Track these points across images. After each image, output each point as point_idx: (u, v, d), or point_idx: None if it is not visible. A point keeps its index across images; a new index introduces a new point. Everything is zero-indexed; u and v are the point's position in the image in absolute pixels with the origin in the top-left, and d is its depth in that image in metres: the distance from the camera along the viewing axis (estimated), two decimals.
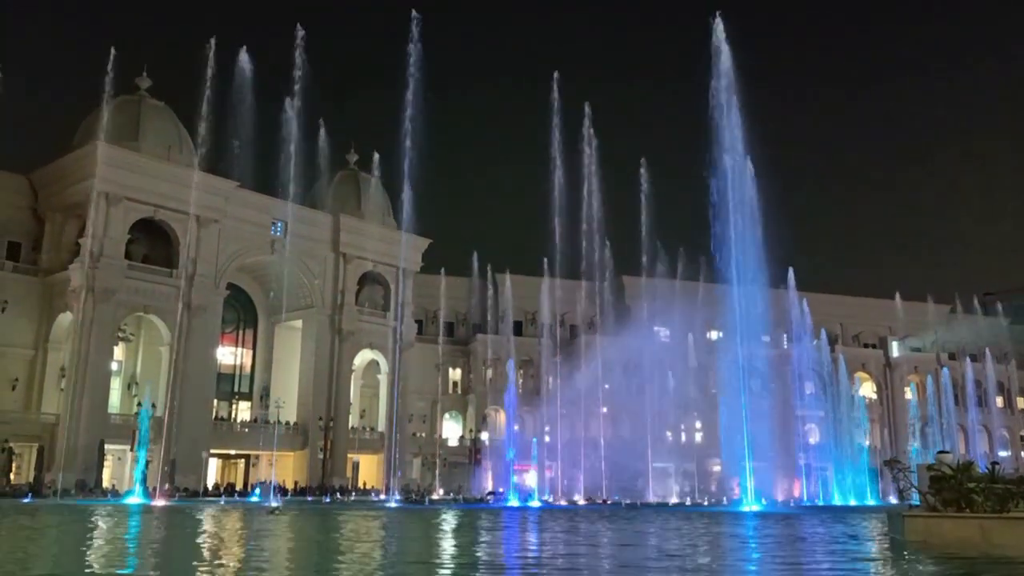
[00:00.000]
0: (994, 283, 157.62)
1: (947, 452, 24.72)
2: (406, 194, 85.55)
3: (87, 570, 17.15)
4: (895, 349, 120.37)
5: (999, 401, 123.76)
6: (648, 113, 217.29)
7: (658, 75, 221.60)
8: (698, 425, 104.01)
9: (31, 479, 69.53)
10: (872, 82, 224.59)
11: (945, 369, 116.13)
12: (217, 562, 18.59)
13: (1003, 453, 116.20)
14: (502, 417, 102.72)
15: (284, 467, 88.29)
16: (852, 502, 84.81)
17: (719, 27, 62.20)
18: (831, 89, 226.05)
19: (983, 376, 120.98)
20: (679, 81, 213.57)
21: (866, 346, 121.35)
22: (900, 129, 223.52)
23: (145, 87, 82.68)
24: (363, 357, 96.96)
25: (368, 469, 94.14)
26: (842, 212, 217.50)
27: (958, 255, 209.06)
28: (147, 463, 66.09)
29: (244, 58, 74.73)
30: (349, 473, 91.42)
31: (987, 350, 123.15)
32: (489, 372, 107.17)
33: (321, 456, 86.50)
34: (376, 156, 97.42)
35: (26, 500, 58.45)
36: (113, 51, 72.09)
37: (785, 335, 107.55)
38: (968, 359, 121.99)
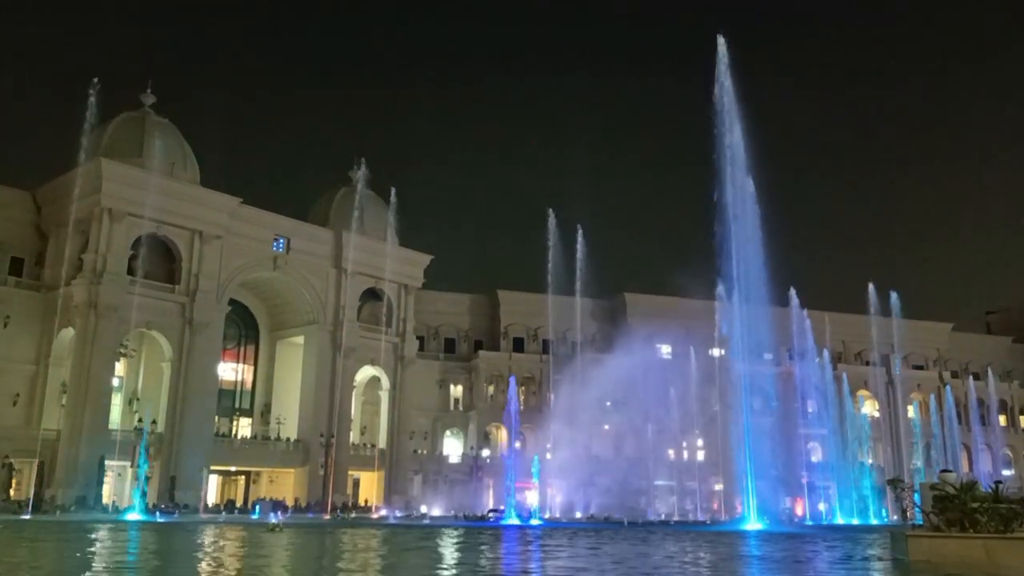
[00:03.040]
0: (997, 301, 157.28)
1: (950, 471, 24.55)
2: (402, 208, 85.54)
3: None
4: (897, 367, 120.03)
5: (1002, 419, 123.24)
6: (652, 126, 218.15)
7: (663, 88, 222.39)
8: (700, 443, 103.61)
9: (31, 495, 69.30)
10: (877, 96, 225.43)
11: (948, 387, 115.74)
12: None
13: (1006, 472, 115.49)
14: (504, 434, 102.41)
15: (284, 484, 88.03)
16: (855, 521, 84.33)
17: (722, 47, 62.34)
18: (835, 106, 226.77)
19: (986, 394, 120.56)
20: (686, 92, 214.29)
21: (869, 364, 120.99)
22: (905, 146, 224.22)
23: (149, 103, 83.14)
24: (364, 373, 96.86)
25: (369, 486, 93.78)
26: (845, 229, 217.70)
27: (961, 273, 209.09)
28: (147, 479, 65.88)
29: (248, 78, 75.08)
30: (349, 490, 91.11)
31: (989, 368, 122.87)
32: (491, 389, 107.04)
33: (322, 473, 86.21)
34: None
35: (26, 516, 58.32)
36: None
37: (788, 353, 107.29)
38: (971, 377, 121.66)
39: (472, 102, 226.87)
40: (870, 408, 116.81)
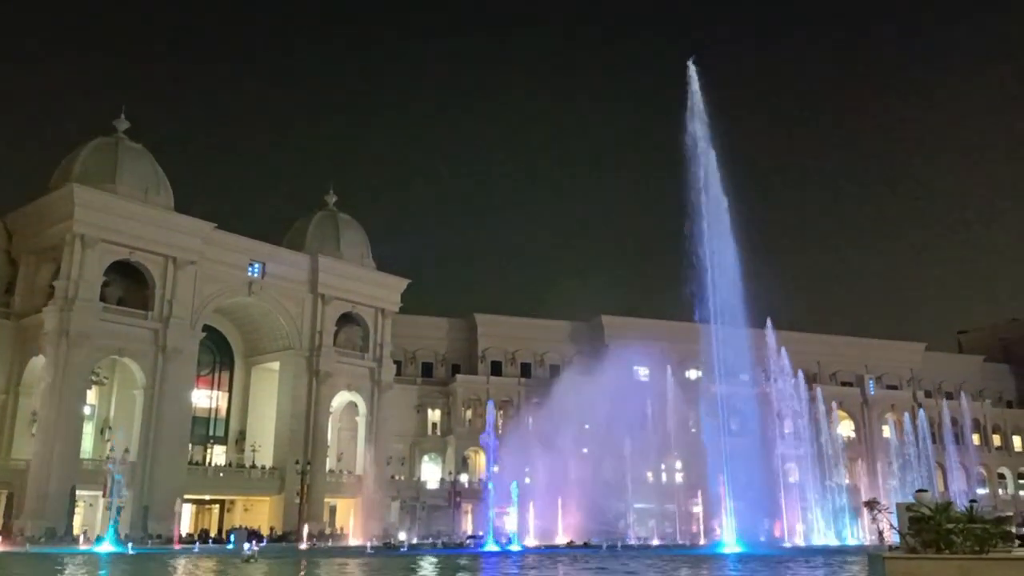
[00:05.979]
0: (969, 321, 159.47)
1: (925, 491, 24.71)
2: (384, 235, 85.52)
3: None
4: (872, 387, 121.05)
5: (975, 438, 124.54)
6: (629, 148, 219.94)
7: (641, 110, 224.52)
8: (679, 465, 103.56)
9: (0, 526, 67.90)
10: (850, 121, 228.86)
11: (921, 407, 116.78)
12: None
13: (981, 491, 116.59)
14: (482, 459, 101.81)
15: (260, 512, 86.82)
16: (833, 542, 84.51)
17: (693, 73, 63.31)
18: (810, 128, 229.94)
19: (959, 413, 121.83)
20: (663, 113, 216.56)
21: (844, 384, 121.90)
22: (879, 166, 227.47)
23: (123, 129, 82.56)
24: (341, 399, 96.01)
25: (345, 513, 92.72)
26: (820, 252, 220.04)
27: (934, 294, 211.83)
28: (119, 510, 64.66)
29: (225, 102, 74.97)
30: (326, 517, 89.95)
31: (962, 388, 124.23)
32: (468, 413, 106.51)
33: (297, 501, 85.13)
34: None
35: None
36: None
37: (764, 374, 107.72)
38: (944, 397, 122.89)
39: (450, 128, 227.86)
40: (846, 428, 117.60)
